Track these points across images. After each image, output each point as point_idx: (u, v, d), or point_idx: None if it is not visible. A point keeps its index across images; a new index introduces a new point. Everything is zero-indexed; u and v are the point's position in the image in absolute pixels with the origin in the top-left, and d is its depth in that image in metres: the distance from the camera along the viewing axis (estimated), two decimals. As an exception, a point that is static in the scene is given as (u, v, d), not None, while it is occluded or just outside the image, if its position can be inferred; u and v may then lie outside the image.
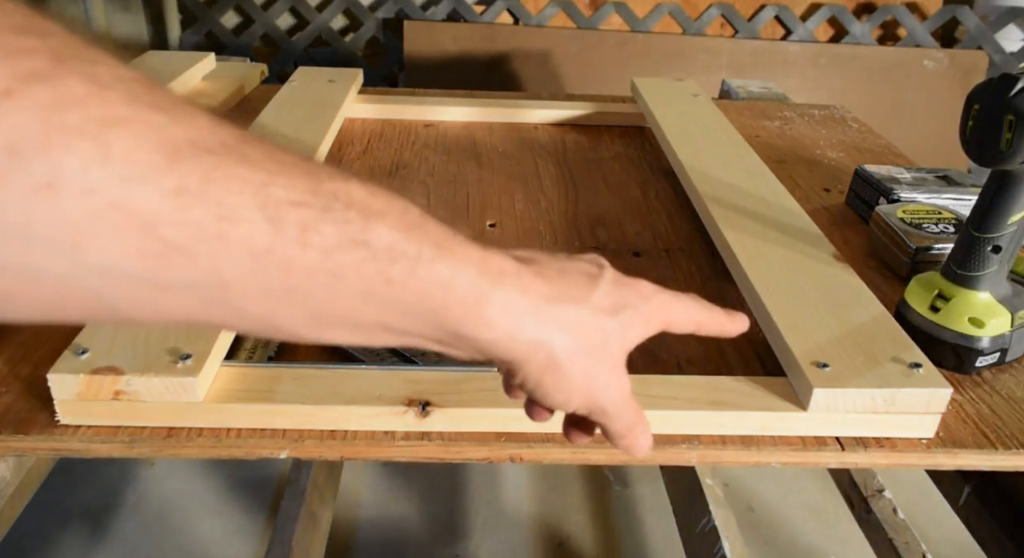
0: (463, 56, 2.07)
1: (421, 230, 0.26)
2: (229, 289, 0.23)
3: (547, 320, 0.30)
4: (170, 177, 0.21)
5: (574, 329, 0.31)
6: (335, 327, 0.26)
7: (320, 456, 0.49)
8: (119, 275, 0.21)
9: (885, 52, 2.14)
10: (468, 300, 0.28)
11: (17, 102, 0.18)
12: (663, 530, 1.32)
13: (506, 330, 0.29)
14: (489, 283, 0.28)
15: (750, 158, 0.85)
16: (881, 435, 0.51)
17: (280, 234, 0.23)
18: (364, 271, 0.25)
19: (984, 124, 0.50)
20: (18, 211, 0.19)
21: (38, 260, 0.20)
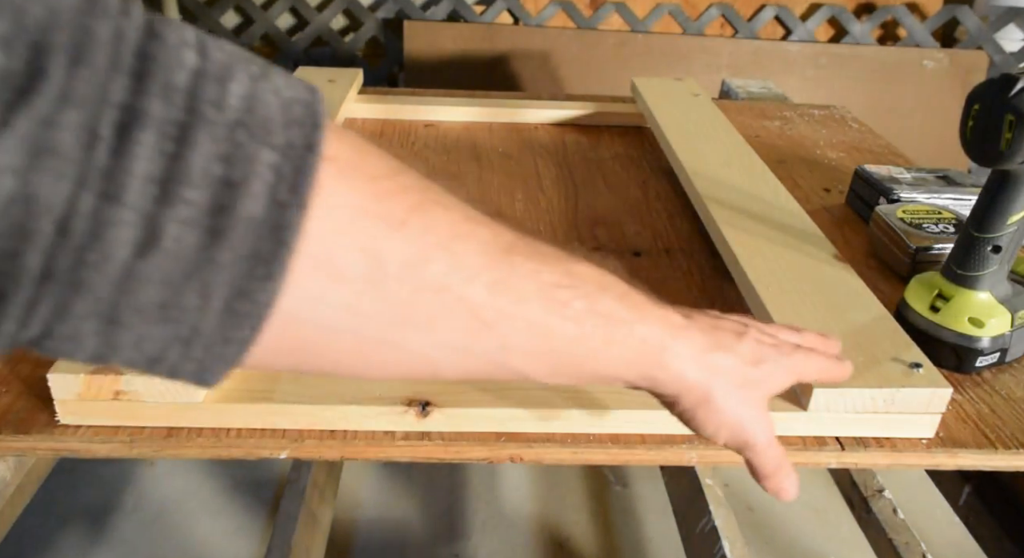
0: (463, 56, 2.07)
1: (628, 299, 0.34)
2: (510, 352, 0.30)
3: (705, 364, 0.36)
4: (489, 274, 0.28)
5: (724, 373, 0.37)
6: (564, 377, 0.33)
7: (320, 456, 0.49)
8: (450, 347, 0.28)
9: (885, 52, 2.14)
10: (657, 351, 0.35)
11: (410, 231, 0.26)
12: (663, 530, 1.32)
13: (677, 372, 0.36)
14: (670, 337, 0.35)
15: (750, 158, 0.85)
16: (881, 435, 0.51)
17: (549, 310, 0.30)
18: (597, 334, 0.32)
19: (984, 124, 0.50)
20: (408, 305, 0.26)
21: (409, 338, 0.27)
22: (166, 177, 0.20)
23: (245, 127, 0.21)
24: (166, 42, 0.20)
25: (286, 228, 0.22)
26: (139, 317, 0.21)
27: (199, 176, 0.20)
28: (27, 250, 0.19)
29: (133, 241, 0.20)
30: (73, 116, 0.19)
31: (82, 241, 0.19)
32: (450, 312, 0.27)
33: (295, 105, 0.23)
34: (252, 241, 0.21)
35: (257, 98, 0.22)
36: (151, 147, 0.20)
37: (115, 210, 0.19)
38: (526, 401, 0.49)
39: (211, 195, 0.21)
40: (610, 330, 0.32)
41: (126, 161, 0.19)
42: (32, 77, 0.18)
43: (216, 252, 0.21)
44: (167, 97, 0.20)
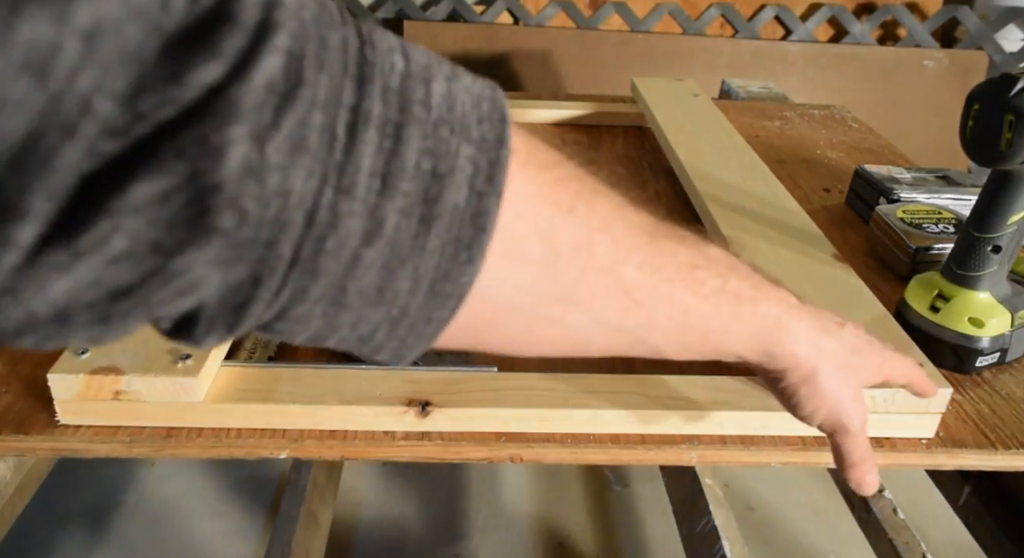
0: (463, 56, 2.07)
1: (753, 279, 0.36)
2: (653, 329, 0.32)
3: (814, 343, 0.38)
4: (639, 255, 0.30)
5: (829, 353, 0.39)
6: (692, 351, 0.35)
7: (320, 456, 0.49)
8: (603, 324, 0.30)
9: (885, 52, 2.14)
10: (776, 328, 0.36)
11: (578, 216, 0.28)
12: (663, 530, 1.32)
13: (792, 347, 0.37)
14: (787, 316, 0.37)
15: (750, 158, 0.85)
16: (881, 435, 0.51)
17: (688, 288, 0.32)
18: (726, 310, 0.34)
19: (984, 124, 0.50)
20: (575, 283, 0.28)
21: (573, 315, 0.29)
22: (386, 171, 0.22)
23: (447, 124, 0.23)
24: (379, 48, 0.23)
25: (485, 215, 0.24)
26: (360, 299, 0.24)
27: (412, 170, 0.23)
28: (283, 239, 0.21)
29: (362, 230, 0.22)
30: (319, 118, 0.21)
31: (323, 231, 0.22)
32: (607, 291, 0.29)
33: (483, 102, 0.25)
34: (456, 228, 0.24)
35: (454, 97, 0.24)
36: (374, 144, 0.22)
37: (348, 202, 0.22)
38: (526, 401, 0.49)
39: (423, 187, 0.23)
40: (738, 307, 0.34)
41: (356, 158, 0.22)
42: (294, 84, 0.20)
43: (426, 238, 0.23)
44: (385, 98, 0.22)
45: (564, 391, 0.50)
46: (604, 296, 0.29)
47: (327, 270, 0.22)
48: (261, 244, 0.21)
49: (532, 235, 0.26)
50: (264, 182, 0.20)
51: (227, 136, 0.19)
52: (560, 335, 0.30)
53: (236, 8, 0.19)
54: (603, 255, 0.29)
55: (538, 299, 0.28)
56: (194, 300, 0.21)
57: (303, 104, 0.20)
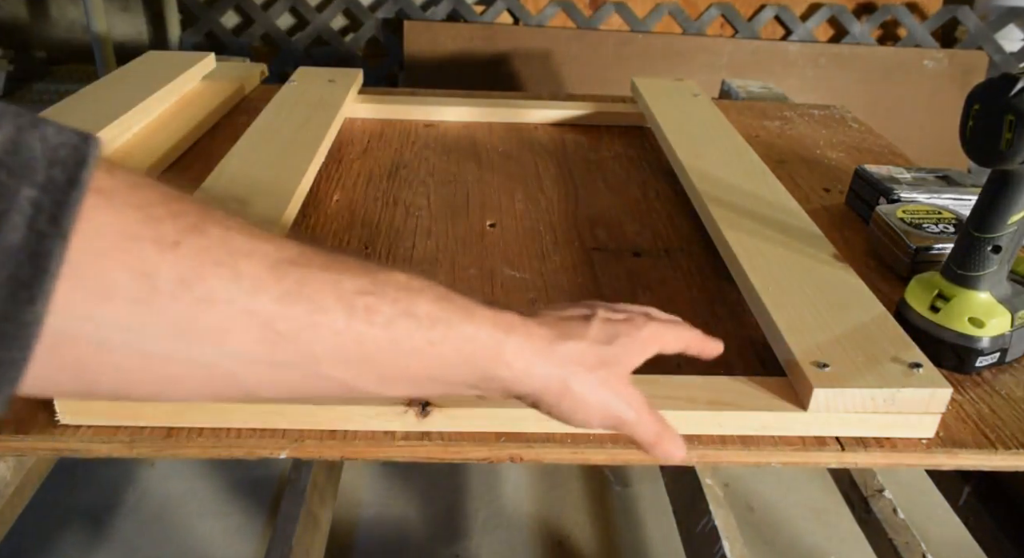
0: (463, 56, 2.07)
1: (449, 301, 0.34)
2: (320, 362, 0.31)
3: (551, 356, 0.37)
4: (278, 287, 0.29)
5: (576, 360, 0.38)
6: (397, 383, 0.34)
7: (320, 456, 0.49)
8: (248, 359, 0.29)
9: (885, 52, 2.14)
10: (490, 348, 0.35)
11: (184, 250, 0.27)
12: (663, 530, 1.32)
13: (522, 368, 0.36)
14: (503, 333, 0.36)
15: (750, 158, 0.85)
16: (881, 435, 0.51)
17: (353, 316, 0.31)
18: (414, 336, 0.33)
19: (984, 124, 0.50)
20: (186, 319, 0.28)
21: (197, 352, 0.28)
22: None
23: (5, 167, 0.24)
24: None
25: (45, 255, 0.24)
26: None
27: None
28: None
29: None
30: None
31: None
32: (238, 324, 0.29)
33: (61, 148, 0.25)
34: (13, 267, 0.24)
35: (21, 143, 0.24)
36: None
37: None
38: (526, 401, 0.49)
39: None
40: (428, 331, 0.33)
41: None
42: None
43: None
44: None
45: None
46: (237, 330, 0.29)
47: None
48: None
49: (121, 272, 0.26)
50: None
51: None
52: (195, 373, 0.29)
53: None
54: (221, 288, 0.28)
55: (141, 336, 0.27)
56: None
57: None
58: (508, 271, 0.68)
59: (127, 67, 1.06)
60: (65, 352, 0.26)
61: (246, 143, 0.81)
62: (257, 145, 0.81)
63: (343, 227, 0.75)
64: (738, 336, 0.60)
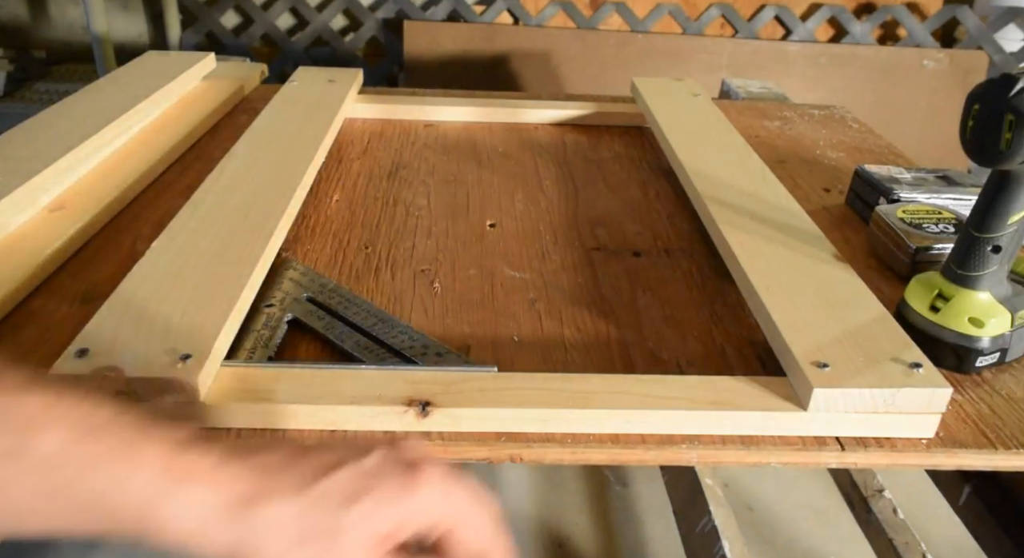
0: (463, 56, 2.07)
1: (98, 435, 0.27)
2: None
3: (246, 518, 0.28)
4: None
5: (283, 525, 0.28)
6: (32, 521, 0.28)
7: (320, 456, 0.49)
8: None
9: (885, 52, 2.14)
10: (141, 501, 0.27)
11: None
12: (663, 530, 1.32)
13: (189, 532, 0.28)
14: (170, 483, 0.28)
15: (750, 158, 0.85)
16: (881, 435, 0.51)
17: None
18: (23, 480, 0.27)
19: (984, 124, 0.50)
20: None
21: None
22: None
23: None
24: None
25: None
26: None
27: None
28: None
29: None
30: None
31: None
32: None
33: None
34: None
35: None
36: None
37: None
38: (526, 401, 0.49)
39: None
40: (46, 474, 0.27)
41: None
42: None
43: None
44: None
45: (564, 391, 0.50)
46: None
47: None
48: None
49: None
50: None
51: None
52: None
53: None
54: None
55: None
56: None
57: None
58: (508, 271, 0.68)
59: (127, 67, 1.06)
60: None
61: (246, 143, 0.81)
62: (257, 145, 0.81)
63: (343, 227, 0.75)
64: (738, 336, 0.60)
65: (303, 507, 0.28)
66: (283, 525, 0.28)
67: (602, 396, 0.50)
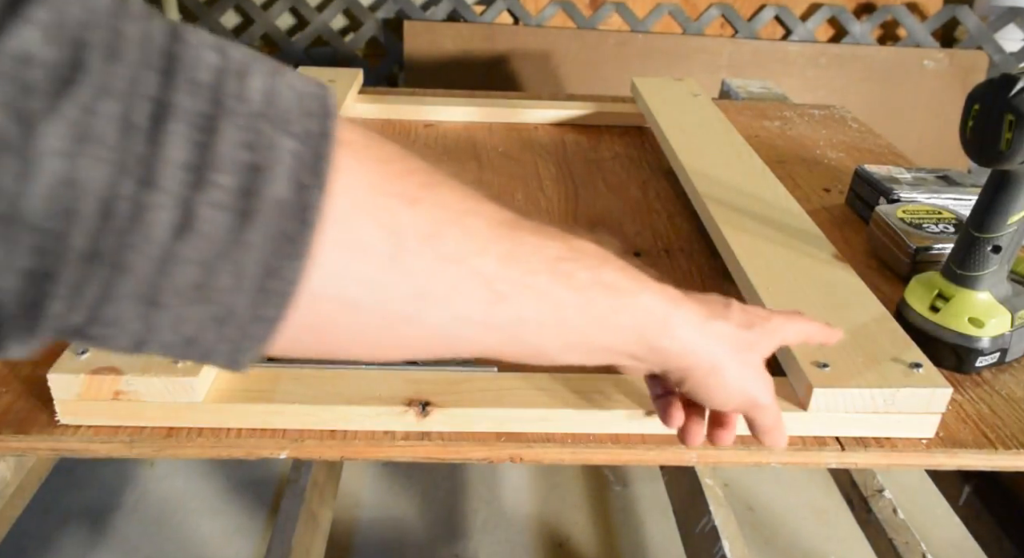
0: (463, 56, 2.07)
1: (629, 271, 0.35)
2: (524, 324, 0.31)
3: (708, 332, 0.38)
4: (498, 247, 0.30)
5: (725, 339, 0.39)
6: (575, 350, 0.34)
7: (320, 456, 0.49)
8: (468, 319, 0.29)
9: (885, 52, 2.14)
10: (661, 320, 0.36)
11: (423, 207, 0.27)
12: (663, 530, 1.32)
13: (684, 340, 0.37)
14: (673, 307, 0.36)
15: (750, 158, 0.85)
16: (881, 435, 0.51)
17: (556, 281, 0.31)
18: (602, 303, 0.33)
19: (984, 124, 0.50)
20: (426, 277, 0.27)
21: (428, 312, 0.28)
22: (198, 163, 0.21)
23: (266, 117, 0.23)
24: (188, 43, 0.22)
25: (309, 208, 0.23)
26: (177, 298, 0.23)
27: (227, 162, 0.22)
28: (73, 231, 0.20)
29: (171, 224, 0.21)
30: (111, 106, 0.20)
31: (124, 224, 0.21)
32: (466, 284, 0.29)
33: (308, 98, 0.24)
34: (279, 221, 0.23)
35: (275, 92, 0.23)
36: (183, 136, 0.21)
37: (153, 195, 0.21)
38: (526, 401, 0.49)
39: (239, 179, 0.22)
40: (614, 299, 0.34)
41: (161, 149, 0.21)
42: (74, 68, 0.19)
43: (247, 233, 0.22)
44: (194, 91, 0.21)
45: (564, 391, 0.50)
46: (464, 290, 0.28)
47: (134, 265, 0.21)
48: (42, 232, 0.20)
49: (372, 227, 0.26)
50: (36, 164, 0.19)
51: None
52: (420, 334, 0.29)
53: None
54: (456, 246, 0.28)
55: (387, 294, 0.27)
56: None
57: (86, 90, 0.20)
58: (508, 271, 0.68)
59: (127, 67, 1.06)
60: (316, 311, 0.25)
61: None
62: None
63: (343, 227, 0.75)
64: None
65: (732, 327, 0.39)
66: (726, 337, 0.39)
67: (602, 396, 0.50)
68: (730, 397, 0.40)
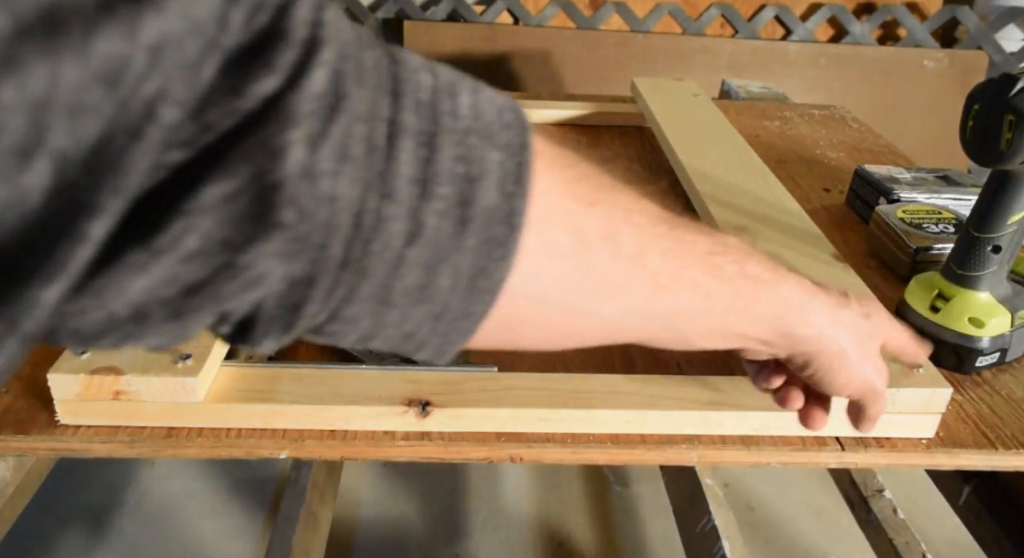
0: (463, 56, 2.07)
1: (768, 264, 0.37)
2: (680, 314, 0.33)
3: (836, 320, 0.39)
4: (661, 243, 0.32)
5: (850, 327, 0.40)
6: (715, 337, 0.36)
7: (320, 456, 0.49)
8: (632, 311, 0.32)
9: (885, 52, 2.14)
10: (797, 308, 0.38)
11: (600, 208, 0.30)
12: (663, 530, 1.32)
13: (817, 327, 0.38)
14: (808, 296, 0.38)
15: (750, 158, 0.85)
16: (881, 435, 0.51)
17: (709, 273, 0.33)
18: (747, 294, 0.35)
19: (984, 124, 0.50)
20: (603, 273, 0.30)
21: (602, 305, 0.31)
22: (424, 177, 0.24)
23: (475, 132, 0.26)
24: (408, 66, 0.25)
25: (515, 214, 0.26)
26: (406, 298, 0.26)
27: (447, 175, 0.25)
28: (333, 242, 0.23)
29: (404, 232, 0.24)
30: (360, 129, 0.23)
31: (369, 234, 0.24)
32: (636, 278, 0.31)
33: (506, 112, 0.27)
34: (490, 226, 0.26)
35: (479, 107, 0.26)
36: (411, 152, 0.24)
37: (391, 207, 0.24)
38: (526, 401, 0.49)
39: (458, 190, 0.25)
40: (758, 290, 0.36)
41: (395, 165, 0.24)
42: (339, 96, 0.22)
43: (463, 238, 0.25)
44: (418, 111, 0.24)
45: (564, 391, 0.50)
46: (633, 284, 0.31)
47: (374, 270, 0.24)
48: (314, 245, 0.23)
49: (561, 229, 0.28)
50: (317, 185, 0.22)
51: (286, 139, 0.21)
52: (591, 325, 0.31)
53: (289, 27, 0.21)
54: (629, 244, 0.30)
55: (571, 291, 0.29)
56: (257, 295, 0.23)
57: (347, 116, 0.22)
58: (508, 271, 0.68)
59: (127, 67, 1.06)
60: (510, 308, 0.28)
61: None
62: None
63: (343, 227, 0.75)
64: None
65: (855, 316, 0.40)
66: (850, 325, 0.40)
67: (602, 396, 0.50)
68: (850, 382, 0.41)
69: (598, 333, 0.32)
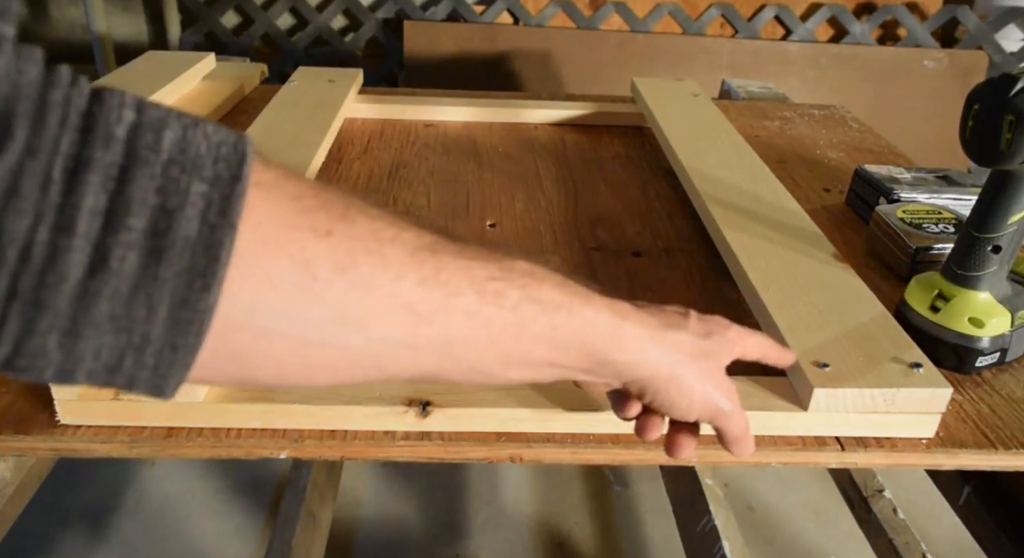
0: (463, 56, 2.07)
1: (568, 287, 0.36)
2: (454, 344, 0.32)
3: (663, 343, 0.39)
4: (418, 272, 0.31)
5: (682, 348, 0.40)
6: (518, 367, 0.35)
7: (320, 456, 0.49)
8: (390, 342, 0.31)
9: (885, 52, 2.14)
10: (608, 333, 0.36)
11: (336, 238, 0.29)
12: (663, 530, 1.32)
13: (637, 353, 0.38)
14: (620, 319, 0.37)
15: (750, 158, 0.85)
16: (881, 435, 0.51)
17: (484, 301, 0.32)
18: (538, 320, 0.34)
19: (984, 124, 0.50)
20: (341, 304, 0.29)
21: (348, 338, 0.30)
22: (109, 209, 0.24)
23: (178, 164, 0.25)
24: (106, 104, 0.25)
25: (218, 245, 0.26)
26: (95, 329, 0.25)
27: (138, 206, 0.25)
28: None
29: (84, 263, 0.24)
30: (33, 165, 0.23)
31: (41, 266, 0.24)
32: (384, 308, 0.30)
33: (223, 146, 0.27)
34: (189, 258, 0.25)
35: (188, 141, 0.26)
36: (96, 185, 0.24)
37: (67, 239, 0.24)
38: (526, 401, 0.49)
39: (149, 221, 0.25)
40: (552, 316, 0.34)
41: (74, 198, 0.24)
42: (3, 138, 0.22)
43: (157, 269, 0.25)
44: (108, 145, 0.24)
45: (564, 391, 0.50)
46: (380, 314, 0.30)
47: (51, 302, 0.24)
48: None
49: (284, 260, 0.28)
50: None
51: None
52: (342, 357, 0.31)
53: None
54: (369, 274, 0.30)
55: (300, 323, 0.29)
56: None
57: (12, 155, 0.23)
58: (508, 271, 0.68)
59: (127, 67, 1.06)
60: (231, 340, 0.28)
61: (246, 143, 0.81)
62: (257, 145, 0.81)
63: (343, 227, 0.75)
64: (738, 336, 0.60)
65: (688, 336, 0.40)
66: (683, 346, 0.40)
67: (602, 396, 0.50)
68: (692, 405, 0.41)
69: (355, 367, 0.31)
